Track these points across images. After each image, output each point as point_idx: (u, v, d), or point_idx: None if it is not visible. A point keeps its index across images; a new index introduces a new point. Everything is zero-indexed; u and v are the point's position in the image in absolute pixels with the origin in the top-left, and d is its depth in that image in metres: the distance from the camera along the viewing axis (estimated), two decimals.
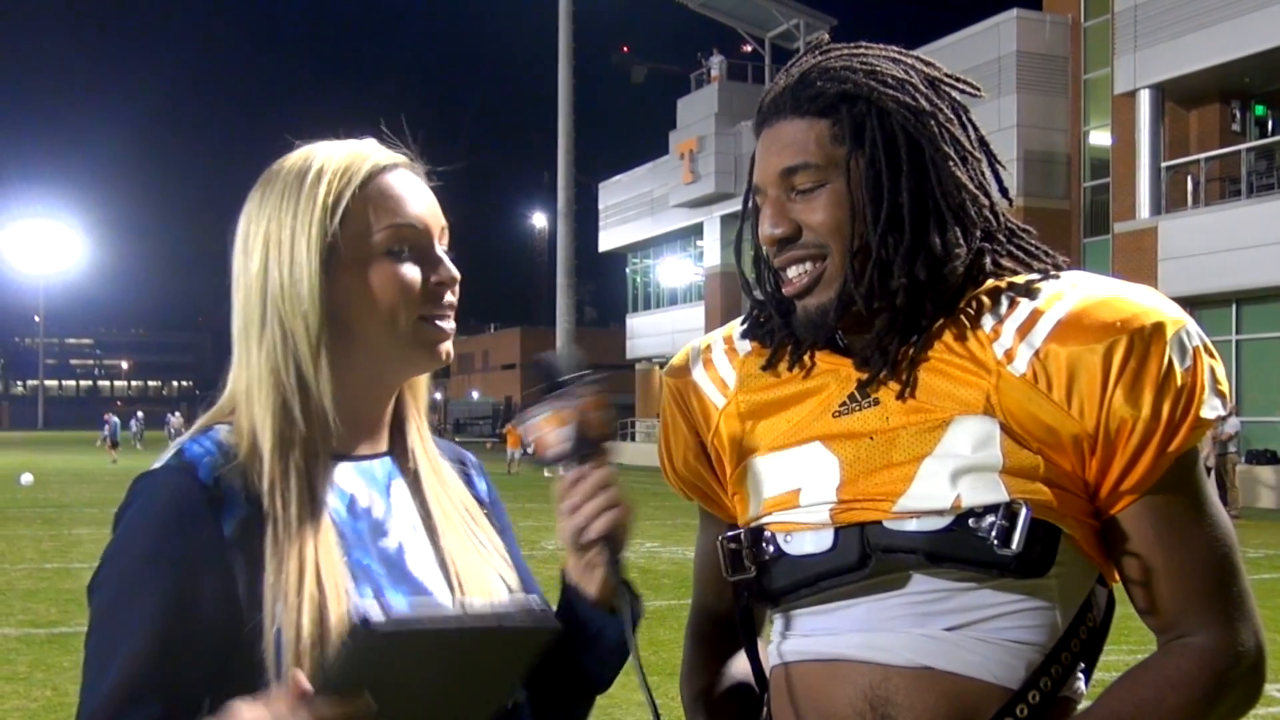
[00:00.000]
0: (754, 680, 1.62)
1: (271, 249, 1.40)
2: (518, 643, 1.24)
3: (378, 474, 1.48)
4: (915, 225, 1.43)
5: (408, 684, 1.18)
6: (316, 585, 1.31)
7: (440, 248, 1.45)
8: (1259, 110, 25.57)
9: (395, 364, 1.46)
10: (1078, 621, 1.42)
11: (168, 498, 1.33)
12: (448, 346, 1.45)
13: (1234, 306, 23.24)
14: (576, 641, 1.46)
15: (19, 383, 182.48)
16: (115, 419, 44.44)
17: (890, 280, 1.42)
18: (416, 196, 1.44)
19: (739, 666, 1.65)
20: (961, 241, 1.44)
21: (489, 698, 1.30)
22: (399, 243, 1.41)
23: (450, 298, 1.45)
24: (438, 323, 1.43)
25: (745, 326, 1.63)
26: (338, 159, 1.43)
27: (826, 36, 1.59)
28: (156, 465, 1.37)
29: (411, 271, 1.41)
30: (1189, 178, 24.70)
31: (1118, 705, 1.36)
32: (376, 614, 1.12)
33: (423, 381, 1.55)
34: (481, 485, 1.63)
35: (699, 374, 1.64)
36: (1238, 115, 25.46)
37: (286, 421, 1.38)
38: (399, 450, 1.53)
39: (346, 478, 1.44)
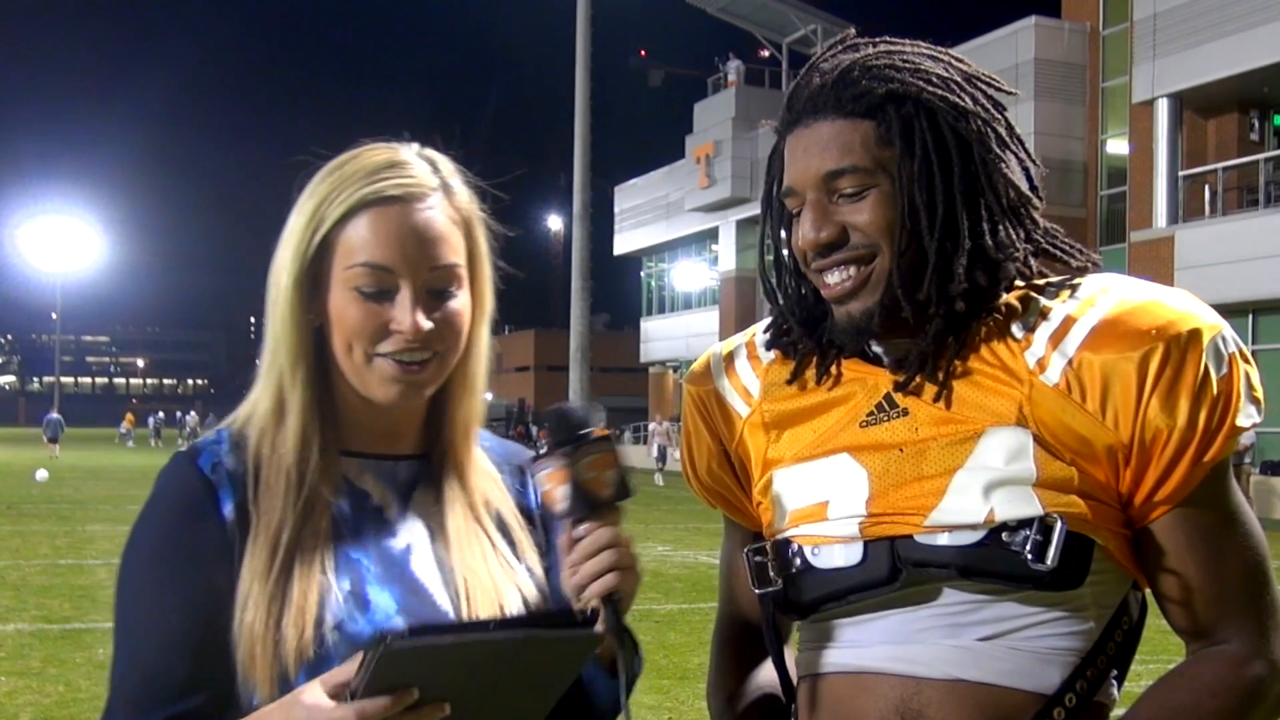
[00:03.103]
0: (781, 691, 1.59)
1: (278, 248, 1.44)
2: (557, 649, 1.26)
3: (400, 475, 1.49)
4: (973, 229, 1.39)
5: (442, 693, 1.20)
6: (282, 577, 1.34)
7: (412, 293, 1.39)
8: (1277, 120, 25.46)
9: (360, 388, 1.44)
10: (1112, 626, 1.40)
11: (173, 490, 1.40)
12: (398, 389, 1.41)
13: (1250, 316, 23.12)
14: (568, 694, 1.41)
15: (35, 379, 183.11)
16: (57, 415, 44.74)
17: (950, 285, 1.38)
18: (398, 238, 1.38)
19: (766, 677, 1.62)
20: (1015, 244, 1.42)
21: (535, 701, 1.32)
22: (365, 281, 1.38)
23: (411, 344, 1.39)
24: (394, 360, 1.40)
25: (769, 335, 1.58)
26: (334, 178, 1.42)
27: (853, 31, 1.53)
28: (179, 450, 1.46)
29: (368, 313, 1.38)
30: (1206, 187, 24.60)
31: (1156, 711, 1.35)
32: (397, 626, 1.16)
33: (471, 388, 1.53)
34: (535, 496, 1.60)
35: (721, 382, 1.60)
36: (1256, 125, 25.35)
37: (276, 419, 1.43)
38: (433, 453, 1.53)
39: (361, 475, 1.46)
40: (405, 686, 1.17)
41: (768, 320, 1.62)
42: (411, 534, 1.46)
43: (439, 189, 1.44)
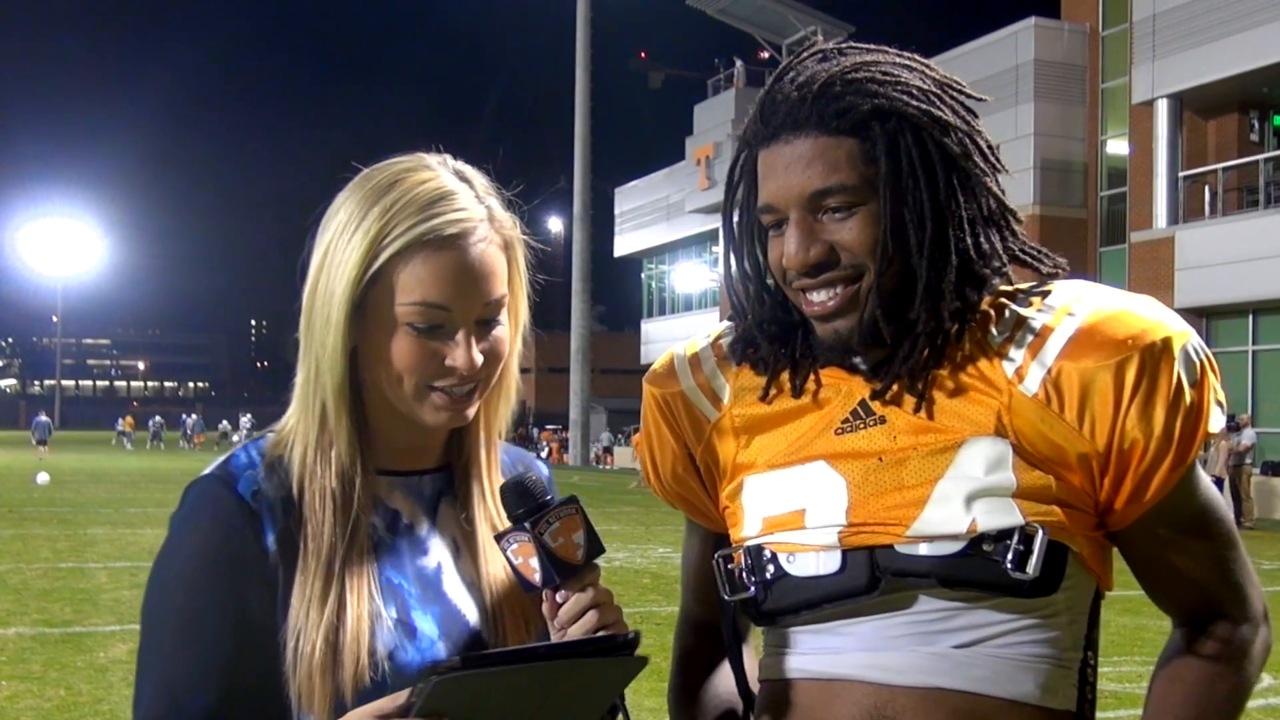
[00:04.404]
0: (740, 699, 1.58)
1: (321, 275, 1.40)
2: (600, 671, 1.30)
3: (426, 490, 1.50)
4: (959, 244, 1.38)
5: (490, 716, 1.23)
6: (336, 604, 1.35)
7: (466, 330, 1.40)
8: (1277, 121, 25.48)
9: (407, 414, 1.44)
10: (1079, 631, 1.42)
11: (211, 514, 1.37)
12: (448, 415, 1.43)
13: (1250, 317, 23.14)
14: None
15: (36, 382, 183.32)
16: (45, 419, 44.90)
17: (942, 303, 1.38)
18: (453, 275, 1.38)
19: (725, 687, 1.61)
20: (999, 255, 1.42)
21: (584, 716, 1.35)
22: (420, 319, 1.38)
23: (461, 379, 1.41)
24: (445, 392, 1.41)
25: (737, 348, 1.56)
26: (381, 208, 1.38)
27: (819, 38, 1.51)
28: (206, 471, 1.42)
29: (424, 349, 1.39)
30: (1206, 188, 24.62)
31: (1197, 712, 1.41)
32: (450, 658, 1.21)
33: (504, 398, 1.53)
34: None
35: (688, 384, 1.58)
36: (1256, 125, 25.38)
37: (320, 445, 1.42)
38: (456, 465, 1.53)
39: (391, 493, 1.47)
40: (455, 713, 1.19)
41: (730, 326, 1.59)
42: (440, 551, 1.47)
43: (485, 218, 1.43)
